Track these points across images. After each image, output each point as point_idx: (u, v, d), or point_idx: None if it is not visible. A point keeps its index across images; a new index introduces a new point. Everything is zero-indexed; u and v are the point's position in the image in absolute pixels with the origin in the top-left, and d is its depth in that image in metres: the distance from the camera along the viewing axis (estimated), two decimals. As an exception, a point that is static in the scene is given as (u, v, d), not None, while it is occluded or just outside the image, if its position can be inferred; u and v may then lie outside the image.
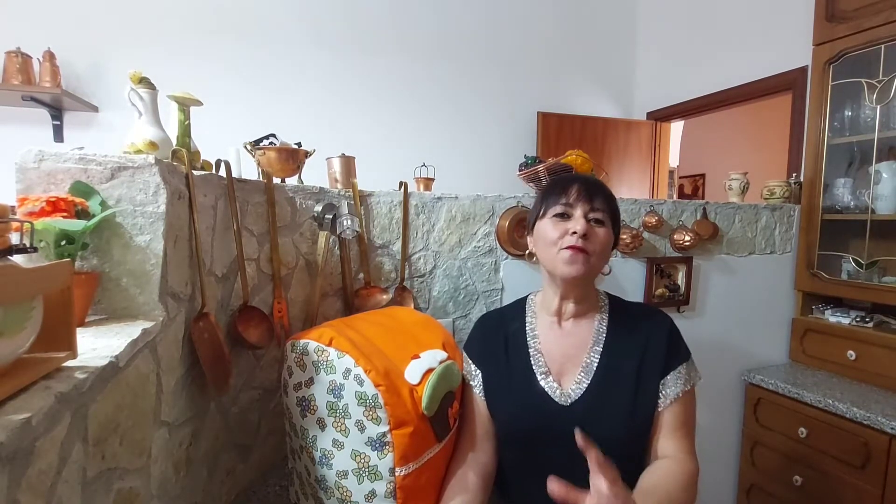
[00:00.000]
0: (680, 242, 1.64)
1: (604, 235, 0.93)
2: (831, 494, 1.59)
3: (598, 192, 0.95)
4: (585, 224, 0.91)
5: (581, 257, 0.90)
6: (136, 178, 0.71)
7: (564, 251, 0.91)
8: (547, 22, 3.12)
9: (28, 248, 0.52)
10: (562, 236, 0.92)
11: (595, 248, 0.92)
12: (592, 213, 0.93)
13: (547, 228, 0.95)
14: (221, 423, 1.02)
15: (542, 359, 0.97)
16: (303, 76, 2.60)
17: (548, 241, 0.94)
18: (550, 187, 0.99)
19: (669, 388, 0.92)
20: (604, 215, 0.94)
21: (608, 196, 0.97)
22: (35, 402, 0.43)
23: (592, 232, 0.92)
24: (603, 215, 0.94)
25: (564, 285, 0.96)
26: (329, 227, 1.15)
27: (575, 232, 0.90)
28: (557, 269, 0.93)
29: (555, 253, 0.93)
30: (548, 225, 0.95)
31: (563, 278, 0.94)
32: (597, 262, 0.94)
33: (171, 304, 0.77)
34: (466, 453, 0.96)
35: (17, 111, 2.15)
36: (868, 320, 1.77)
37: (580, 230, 0.90)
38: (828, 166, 1.84)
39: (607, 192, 0.98)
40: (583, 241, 0.90)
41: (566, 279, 0.94)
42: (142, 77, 0.87)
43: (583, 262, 0.91)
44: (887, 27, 1.61)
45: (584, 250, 0.90)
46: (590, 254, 0.91)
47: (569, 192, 0.94)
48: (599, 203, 0.94)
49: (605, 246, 0.94)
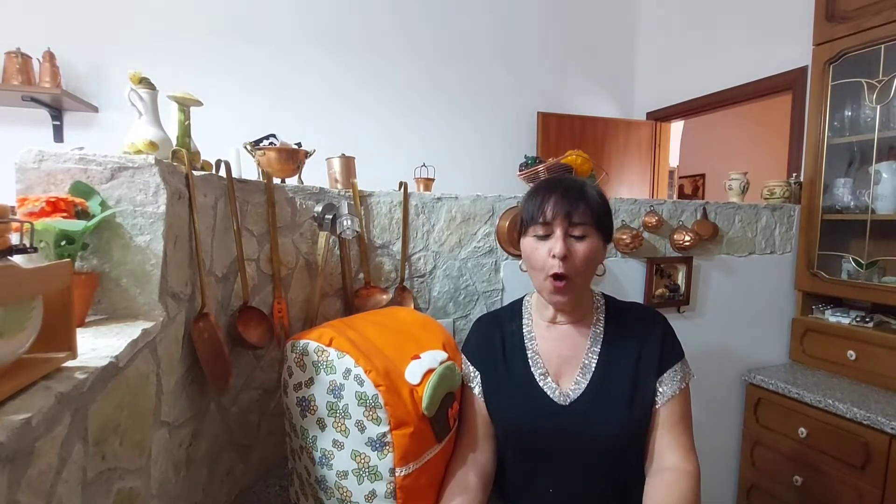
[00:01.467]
0: (680, 242, 1.64)
1: (585, 251, 0.90)
2: (831, 495, 1.59)
3: (578, 201, 0.90)
4: (564, 246, 0.88)
5: (564, 286, 0.90)
6: (136, 179, 0.71)
7: (547, 282, 0.91)
8: (547, 22, 3.12)
9: (28, 248, 0.52)
10: (545, 260, 0.90)
11: (577, 267, 0.90)
12: (572, 228, 0.90)
13: (529, 250, 0.94)
14: (221, 423, 1.02)
15: (539, 360, 0.98)
16: (303, 76, 2.60)
17: (533, 265, 0.94)
18: (530, 198, 0.95)
19: (666, 385, 0.93)
20: (585, 227, 0.90)
21: (590, 201, 0.91)
22: (35, 402, 0.43)
23: (573, 251, 0.89)
24: (584, 228, 0.90)
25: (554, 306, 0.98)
26: (329, 228, 1.15)
27: (554, 255, 0.88)
28: (544, 294, 0.95)
29: (541, 280, 0.93)
30: (530, 245, 0.93)
31: (551, 304, 0.97)
32: (582, 280, 0.93)
33: (171, 304, 0.77)
34: (466, 454, 0.96)
35: (17, 111, 2.16)
36: (868, 320, 1.77)
37: (559, 253, 0.88)
38: (828, 166, 1.84)
39: (589, 196, 0.92)
40: (564, 264, 0.88)
41: (554, 305, 0.97)
42: (142, 77, 0.87)
43: (566, 289, 0.91)
44: (887, 27, 1.61)
45: (566, 276, 0.89)
46: (572, 277, 0.90)
47: (545, 209, 0.90)
48: (579, 216, 0.89)
49: (590, 259, 0.91)
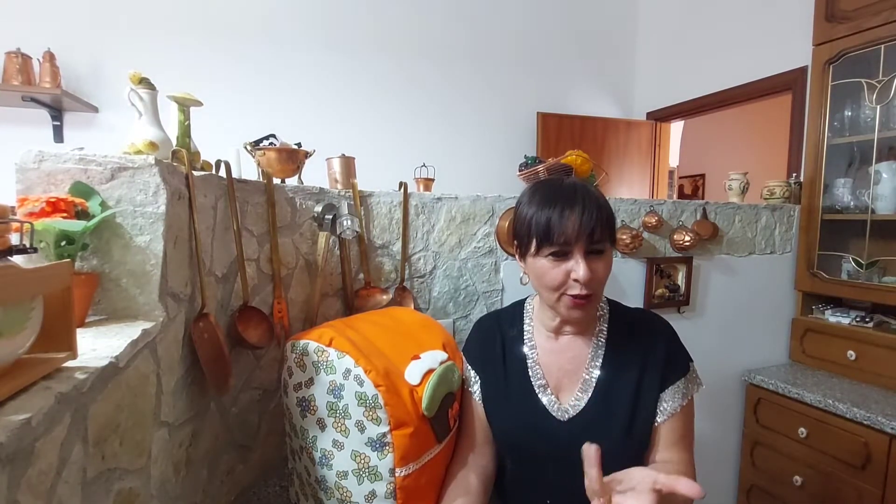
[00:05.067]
0: (680, 242, 1.64)
1: (604, 267, 0.85)
2: (831, 495, 1.59)
3: (597, 217, 0.82)
4: (586, 269, 0.81)
5: (585, 304, 0.85)
6: (136, 179, 0.71)
7: (565, 299, 0.85)
8: (547, 22, 3.12)
9: (28, 248, 0.52)
10: (563, 281, 0.83)
11: (598, 282, 0.85)
12: (593, 244, 0.83)
13: (544, 270, 0.85)
14: (221, 423, 1.02)
15: (539, 371, 0.94)
16: (303, 76, 2.60)
17: (545, 284, 0.86)
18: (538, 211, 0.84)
19: (667, 402, 0.89)
20: (604, 243, 0.84)
21: (606, 214, 0.85)
22: (35, 402, 0.43)
23: (594, 269, 0.83)
24: (603, 244, 0.84)
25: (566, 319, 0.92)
26: (329, 228, 1.15)
27: (577, 279, 0.82)
28: (560, 310, 0.88)
29: (555, 298, 0.86)
30: (545, 266, 0.84)
31: (567, 320, 0.91)
32: (600, 293, 0.88)
33: (171, 304, 0.77)
34: (466, 455, 0.96)
35: (17, 111, 2.16)
36: (868, 320, 1.77)
37: (583, 278, 0.81)
38: (828, 166, 1.85)
39: (602, 210, 0.84)
40: (586, 287, 0.82)
41: (570, 321, 0.92)
42: (142, 77, 0.87)
43: (587, 306, 0.86)
44: (887, 27, 1.62)
45: (589, 296, 0.84)
46: (593, 295, 0.85)
47: (565, 229, 0.81)
48: (599, 233, 0.82)
49: (607, 271, 0.86)
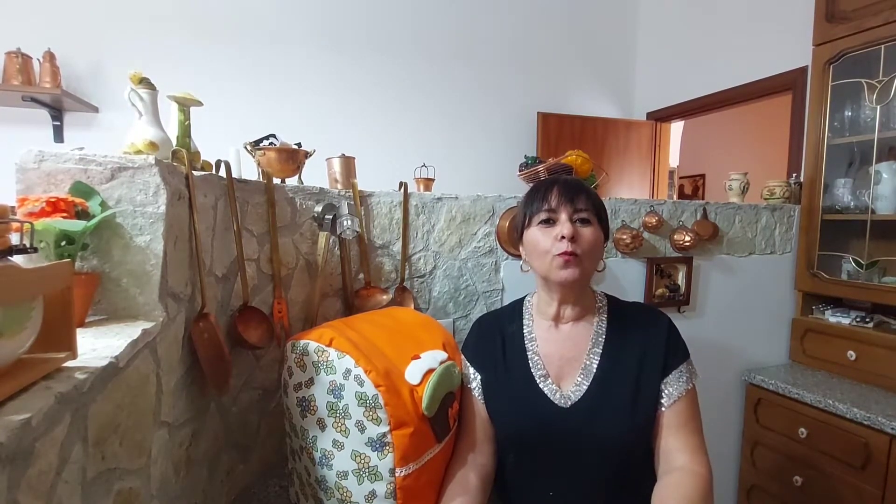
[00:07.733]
0: (680, 242, 1.64)
1: (591, 234, 0.94)
2: (832, 495, 1.58)
3: (580, 191, 0.96)
4: (571, 227, 0.92)
5: (573, 260, 0.92)
6: (136, 179, 0.71)
7: (557, 258, 0.92)
8: (547, 22, 3.12)
9: (28, 248, 0.52)
10: (552, 244, 0.93)
11: (584, 248, 0.93)
12: (577, 213, 0.94)
13: (536, 237, 0.96)
14: (221, 423, 1.02)
15: (540, 361, 0.97)
16: (303, 76, 2.60)
17: (539, 251, 0.95)
18: (532, 194, 1.00)
19: (672, 386, 0.92)
20: (588, 214, 0.95)
21: (590, 194, 0.98)
22: (35, 402, 0.43)
23: (579, 233, 0.93)
24: (588, 214, 0.95)
25: (561, 290, 0.97)
26: (329, 228, 1.15)
27: (563, 237, 0.91)
28: (552, 274, 0.94)
29: (548, 261, 0.94)
30: (536, 234, 0.96)
31: (559, 283, 0.95)
32: (589, 263, 0.95)
33: (171, 304, 0.77)
34: (466, 455, 0.96)
35: (17, 111, 2.16)
36: (868, 320, 1.77)
37: (567, 234, 0.91)
38: (828, 166, 1.84)
39: (588, 190, 0.98)
40: (572, 244, 0.91)
41: (562, 284, 0.95)
42: (142, 77, 0.87)
43: (575, 264, 0.92)
44: (887, 27, 1.61)
45: (575, 253, 0.92)
46: (581, 256, 0.92)
47: (549, 197, 0.95)
48: (582, 202, 0.94)
49: (595, 245, 0.95)
